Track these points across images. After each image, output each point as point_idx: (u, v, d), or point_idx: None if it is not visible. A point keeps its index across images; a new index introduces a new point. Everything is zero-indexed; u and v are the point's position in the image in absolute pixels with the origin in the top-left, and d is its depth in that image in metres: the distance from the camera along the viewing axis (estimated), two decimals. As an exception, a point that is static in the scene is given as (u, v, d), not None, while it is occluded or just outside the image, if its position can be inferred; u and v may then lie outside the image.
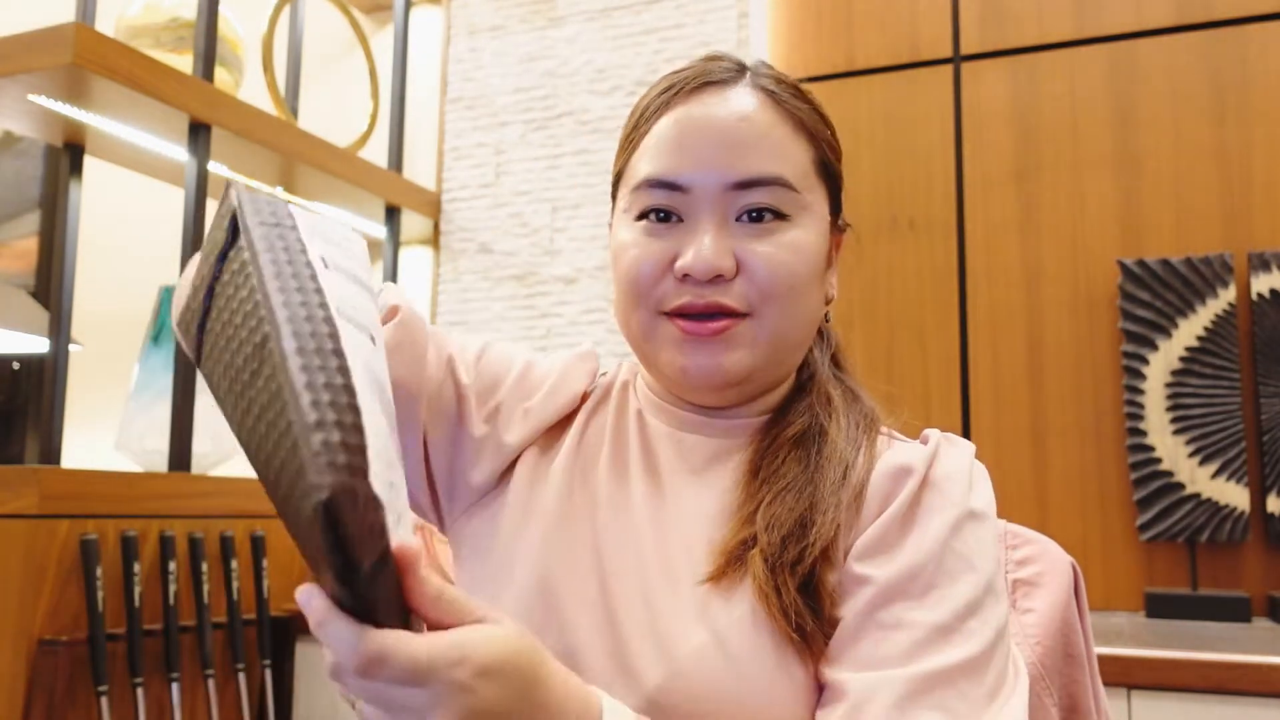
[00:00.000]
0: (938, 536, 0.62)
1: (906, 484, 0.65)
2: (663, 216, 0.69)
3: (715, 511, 0.68)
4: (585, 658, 0.63)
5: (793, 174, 0.69)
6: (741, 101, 0.69)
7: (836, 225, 0.76)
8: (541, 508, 0.71)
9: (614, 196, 0.76)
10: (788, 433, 0.70)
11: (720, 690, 0.60)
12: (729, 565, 0.64)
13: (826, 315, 0.77)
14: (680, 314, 0.68)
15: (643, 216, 0.70)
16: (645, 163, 0.70)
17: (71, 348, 1.87)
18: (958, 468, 0.67)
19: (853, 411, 0.72)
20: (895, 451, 0.69)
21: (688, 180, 0.68)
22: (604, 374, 0.81)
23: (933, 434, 0.70)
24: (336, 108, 2.53)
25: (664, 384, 0.74)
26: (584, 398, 0.78)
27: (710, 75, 0.71)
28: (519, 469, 0.74)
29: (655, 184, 0.69)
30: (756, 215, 0.68)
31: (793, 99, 0.71)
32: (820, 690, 0.62)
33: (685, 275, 0.67)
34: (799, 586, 0.61)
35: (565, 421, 0.76)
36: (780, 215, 0.68)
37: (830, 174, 0.73)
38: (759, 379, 0.71)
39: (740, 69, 0.72)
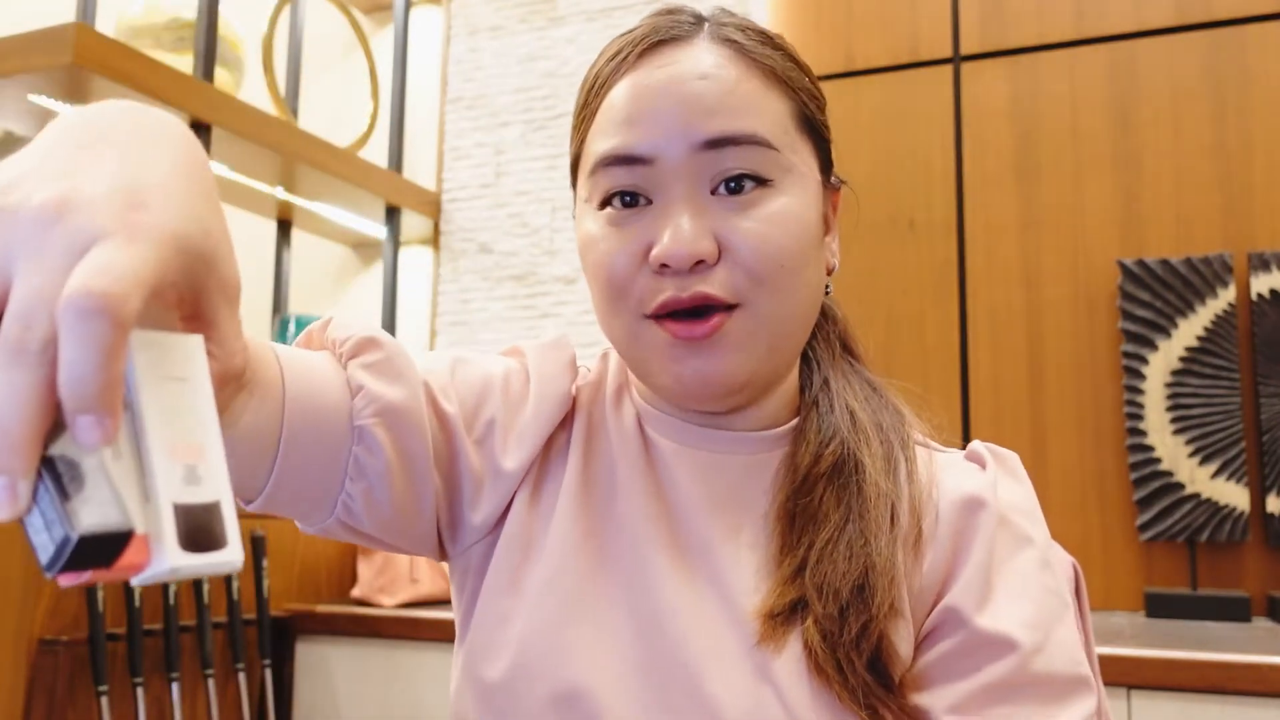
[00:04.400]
0: (1034, 580, 0.59)
1: (981, 518, 0.60)
2: (629, 200, 0.60)
3: (749, 558, 0.62)
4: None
5: (770, 130, 0.60)
6: (701, 57, 0.61)
7: (829, 183, 0.67)
8: (550, 553, 0.63)
9: (574, 185, 0.67)
10: (819, 468, 0.62)
11: None
12: (776, 630, 0.57)
13: (827, 288, 0.69)
14: (665, 313, 0.59)
15: (606, 203, 0.61)
16: (600, 140, 0.61)
17: (71, 348, 1.87)
18: (1022, 497, 0.64)
19: (883, 424, 0.66)
20: (950, 475, 0.64)
21: (649, 150, 0.59)
22: (588, 370, 0.72)
23: (983, 452, 0.66)
24: (336, 108, 2.53)
25: (660, 394, 0.65)
26: (574, 402, 0.69)
27: (662, 32, 0.62)
28: (516, 503, 0.64)
29: (613, 161, 0.60)
30: (735, 185, 0.59)
31: (762, 47, 0.63)
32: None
33: (663, 265, 0.58)
34: (867, 665, 0.55)
35: (558, 432, 0.67)
36: (762, 181, 0.59)
37: (814, 127, 0.65)
38: (763, 377, 0.63)
39: (698, 20, 0.64)
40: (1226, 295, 1.78)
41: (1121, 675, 1.38)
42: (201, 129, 1.81)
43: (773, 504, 0.63)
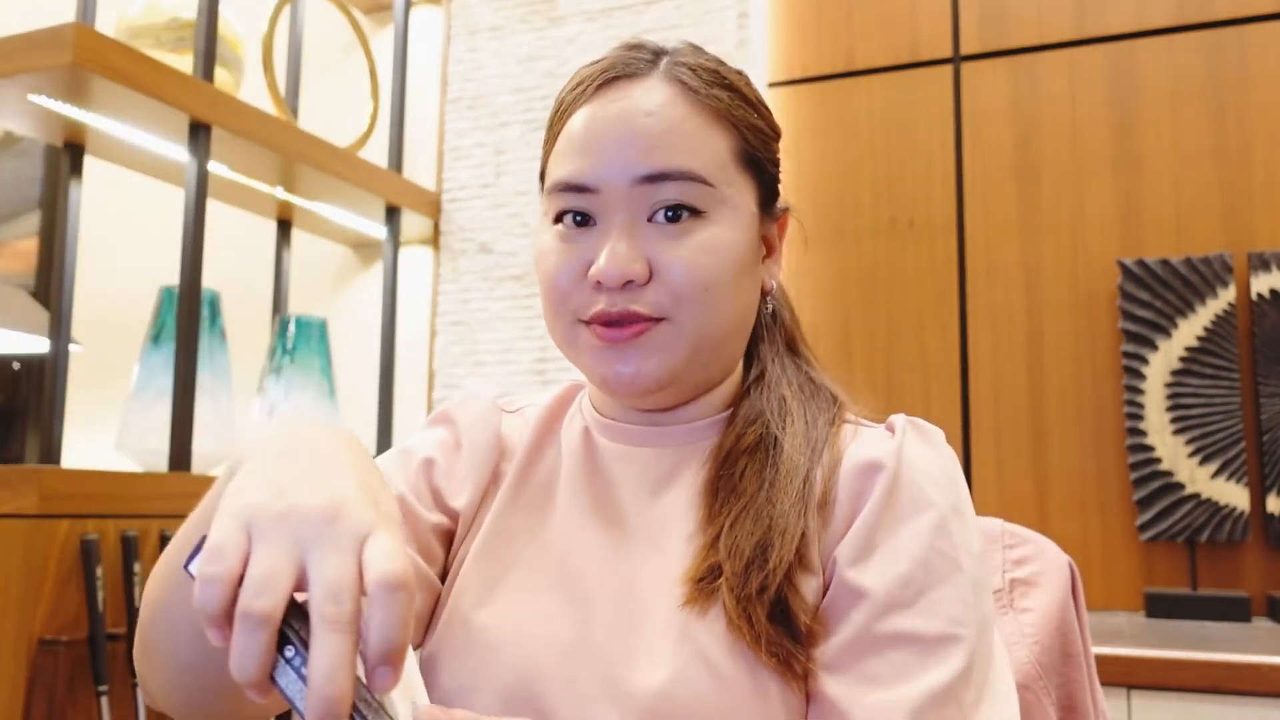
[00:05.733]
0: (923, 540, 0.62)
1: (878, 480, 0.64)
2: (578, 220, 0.68)
3: (680, 532, 0.67)
4: (563, 703, 0.62)
5: (705, 167, 0.66)
6: (649, 95, 0.67)
7: (770, 213, 0.73)
8: (497, 561, 0.70)
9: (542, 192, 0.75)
10: (741, 444, 0.68)
11: (710, 706, 0.59)
12: (699, 593, 0.63)
13: (767, 304, 0.75)
14: (597, 321, 0.67)
15: (559, 220, 0.69)
16: (557, 165, 0.69)
17: (71, 348, 1.87)
18: (932, 462, 0.66)
19: (810, 408, 0.70)
20: (861, 443, 0.67)
21: (595, 180, 0.66)
22: (526, 406, 0.80)
23: (898, 421, 0.69)
24: (336, 108, 2.53)
25: (598, 389, 0.73)
26: (504, 438, 0.77)
27: (619, 68, 0.69)
28: (468, 534, 0.73)
29: (565, 187, 0.68)
30: (672, 214, 0.66)
31: (708, 87, 0.69)
32: (807, 693, 0.61)
33: (598, 282, 0.66)
34: (769, 615, 0.60)
35: (501, 464, 0.76)
36: (695, 212, 0.66)
37: (756, 162, 0.71)
38: (687, 380, 0.69)
39: (655, 57, 0.70)
40: (1226, 295, 1.78)
41: (1121, 675, 1.38)
42: (201, 129, 1.81)
43: (700, 480, 0.69)
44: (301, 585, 0.42)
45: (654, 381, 0.67)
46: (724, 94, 0.69)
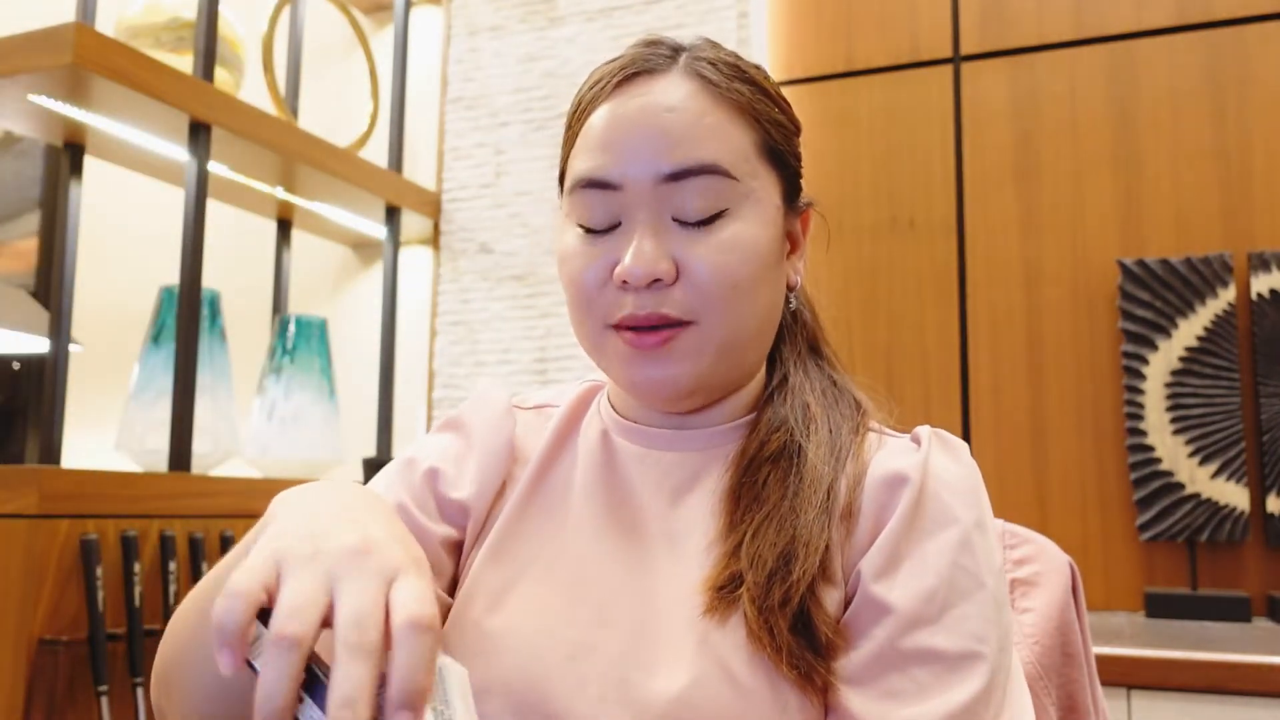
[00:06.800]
0: (948, 556, 0.61)
1: (903, 493, 0.63)
2: (601, 219, 0.67)
3: (700, 538, 0.66)
4: (575, 707, 0.61)
5: (729, 160, 0.65)
6: (671, 90, 0.66)
7: (794, 208, 0.73)
8: (509, 564, 0.68)
9: (560, 194, 0.74)
10: (764, 452, 0.67)
11: (728, 716, 0.58)
12: (720, 602, 0.62)
13: (789, 300, 0.74)
14: (626, 326, 0.65)
15: (582, 220, 0.68)
16: (579, 161, 0.68)
17: (71, 348, 1.87)
18: (957, 477, 0.65)
19: (834, 415, 0.69)
20: (887, 454, 0.67)
21: (618, 177, 0.65)
22: (545, 405, 0.79)
23: (923, 433, 0.68)
24: (336, 108, 2.53)
25: (626, 393, 0.72)
26: (517, 442, 0.75)
27: (639, 64, 0.68)
28: (476, 541, 0.72)
29: (588, 184, 0.66)
30: (698, 213, 0.65)
31: (729, 81, 0.67)
32: (826, 705, 0.60)
33: (624, 282, 0.64)
34: (790, 627, 0.59)
35: (514, 468, 0.74)
36: (721, 209, 0.65)
37: (778, 155, 0.70)
38: (717, 383, 0.69)
39: (675, 53, 0.69)
40: (1226, 295, 1.78)
41: (1121, 675, 1.38)
42: (201, 129, 1.81)
43: (722, 486, 0.68)
44: (328, 621, 0.42)
45: (684, 387, 0.67)
46: (745, 88, 0.68)
